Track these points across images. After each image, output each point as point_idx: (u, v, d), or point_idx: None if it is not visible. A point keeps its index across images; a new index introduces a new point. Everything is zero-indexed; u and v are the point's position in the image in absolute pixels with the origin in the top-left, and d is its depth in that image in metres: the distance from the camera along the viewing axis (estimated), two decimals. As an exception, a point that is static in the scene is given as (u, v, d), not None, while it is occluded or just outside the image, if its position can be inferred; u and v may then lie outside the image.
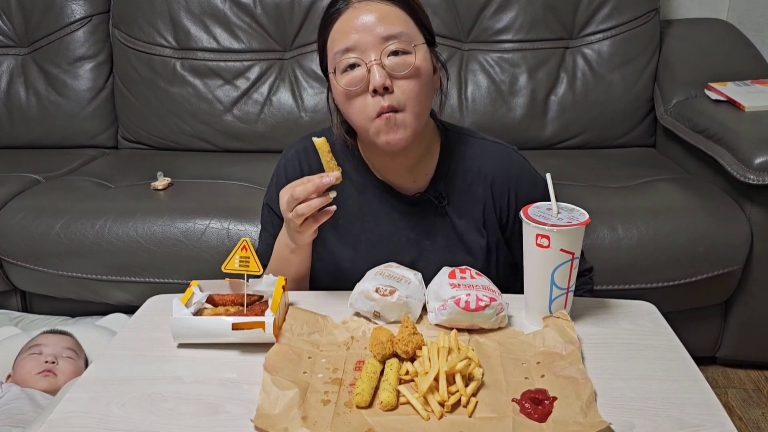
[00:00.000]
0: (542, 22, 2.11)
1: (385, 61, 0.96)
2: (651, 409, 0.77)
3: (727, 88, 1.88)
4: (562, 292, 0.92)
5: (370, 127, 0.99)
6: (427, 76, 1.00)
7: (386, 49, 0.96)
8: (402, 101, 0.97)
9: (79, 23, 2.24)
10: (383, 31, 0.96)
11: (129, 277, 1.71)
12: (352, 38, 0.96)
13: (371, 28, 0.96)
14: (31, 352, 1.50)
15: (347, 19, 0.97)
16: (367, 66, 0.96)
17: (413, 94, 0.97)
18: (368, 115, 0.97)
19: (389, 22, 0.96)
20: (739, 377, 1.80)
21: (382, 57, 0.96)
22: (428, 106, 1.03)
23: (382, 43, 0.96)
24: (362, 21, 0.96)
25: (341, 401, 0.78)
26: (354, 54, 0.96)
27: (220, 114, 2.18)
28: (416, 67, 0.97)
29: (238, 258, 0.92)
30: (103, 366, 0.88)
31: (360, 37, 0.96)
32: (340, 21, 0.98)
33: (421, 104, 0.99)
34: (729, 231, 1.59)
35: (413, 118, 0.98)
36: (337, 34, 0.99)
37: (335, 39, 0.99)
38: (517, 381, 0.81)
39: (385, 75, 0.95)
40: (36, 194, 1.85)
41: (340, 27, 0.98)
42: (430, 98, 1.03)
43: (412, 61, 0.96)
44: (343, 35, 0.97)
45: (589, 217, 0.91)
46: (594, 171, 1.88)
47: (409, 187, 1.11)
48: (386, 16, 0.97)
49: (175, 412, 0.78)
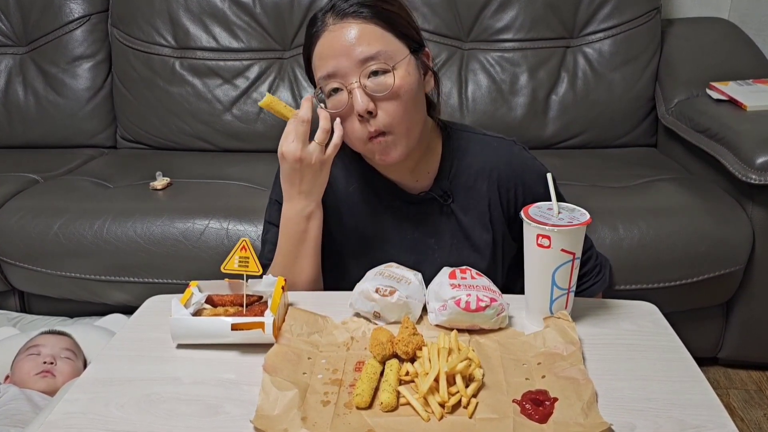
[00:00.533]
0: (543, 21, 2.11)
1: (366, 83, 0.97)
2: (652, 410, 0.77)
3: (728, 88, 1.88)
4: (563, 292, 0.92)
5: (365, 149, 1.02)
6: (411, 92, 0.99)
7: (365, 70, 0.97)
8: (387, 123, 0.98)
9: (78, 22, 2.24)
10: (360, 53, 0.96)
11: (128, 277, 1.71)
12: (331, 64, 0.98)
13: (348, 51, 0.97)
14: (29, 352, 1.50)
15: (325, 44, 0.99)
16: (348, 89, 0.97)
17: (398, 115, 0.98)
18: (360, 137, 1.00)
19: (366, 43, 0.97)
20: (740, 378, 1.80)
21: (361, 79, 0.97)
22: (418, 119, 1.03)
23: (361, 65, 0.96)
24: (339, 44, 0.97)
25: (341, 402, 0.78)
26: (335, 80, 0.98)
27: (219, 113, 2.18)
28: (396, 88, 0.97)
29: (238, 258, 0.92)
30: (101, 366, 0.88)
31: (338, 63, 0.97)
32: (319, 45, 1.00)
33: (408, 121, 1.00)
34: (731, 231, 1.59)
35: (403, 136, 1.00)
36: (317, 59, 1.01)
37: (317, 64, 1.01)
38: (518, 382, 0.81)
39: (368, 99, 0.97)
40: (34, 194, 1.85)
41: (319, 51, 1.00)
42: (418, 110, 1.03)
43: (391, 82, 0.97)
44: (322, 61, 0.99)
45: (590, 217, 0.91)
46: (595, 171, 1.88)
47: (413, 186, 1.11)
48: (362, 37, 0.97)
49: (174, 413, 0.78)
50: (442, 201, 1.11)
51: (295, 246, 1.07)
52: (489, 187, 1.11)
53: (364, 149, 1.03)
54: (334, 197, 1.11)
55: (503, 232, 1.14)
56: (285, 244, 1.08)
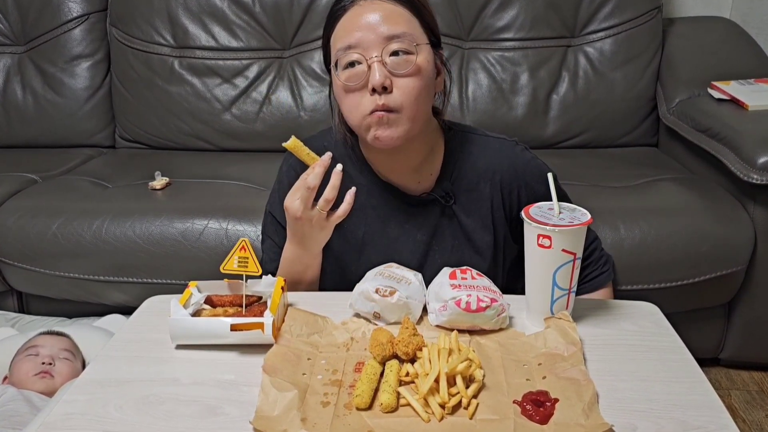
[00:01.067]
0: (544, 20, 2.11)
1: (386, 60, 0.96)
2: (653, 411, 0.77)
3: (730, 87, 1.88)
4: (564, 292, 0.92)
5: (363, 123, 1.00)
6: (428, 77, 1.00)
7: (388, 47, 0.96)
8: (399, 102, 0.97)
9: (76, 21, 2.24)
10: (386, 30, 0.96)
11: (126, 277, 1.71)
12: (355, 36, 0.97)
13: (375, 26, 0.96)
14: (27, 353, 1.50)
15: (352, 17, 0.98)
16: (368, 63, 0.96)
17: (412, 95, 0.98)
18: (362, 111, 0.99)
19: (393, 22, 0.97)
20: (742, 379, 1.80)
21: (384, 55, 0.96)
22: (426, 109, 1.03)
23: (385, 42, 0.96)
24: (366, 19, 0.97)
25: (341, 403, 0.78)
26: (356, 51, 0.97)
27: (218, 113, 2.18)
28: (417, 65, 0.97)
29: (237, 258, 0.92)
30: (100, 367, 0.88)
31: (363, 35, 0.97)
32: (345, 18, 0.99)
33: (418, 106, 0.99)
34: (732, 231, 1.58)
35: (408, 119, 0.99)
36: (340, 31, 0.99)
37: (339, 35, 1.00)
38: (519, 382, 0.81)
39: (385, 74, 0.96)
40: (33, 194, 1.85)
41: (344, 24, 0.99)
42: (428, 101, 1.03)
43: (413, 60, 0.97)
44: (346, 32, 0.98)
45: (591, 217, 0.91)
46: (596, 170, 1.88)
47: (414, 187, 1.11)
48: (390, 16, 0.97)
49: (173, 414, 0.78)
50: (444, 202, 1.11)
51: (293, 276, 1.10)
52: (492, 188, 1.11)
53: (361, 123, 1.00)
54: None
55: (505, 234, 1.14)
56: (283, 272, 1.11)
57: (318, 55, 2.17)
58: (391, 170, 1.10)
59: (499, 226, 1.13)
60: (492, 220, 1.12)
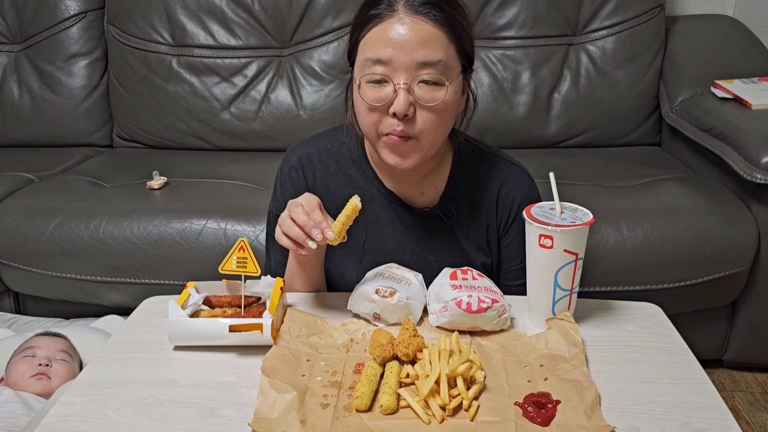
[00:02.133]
0: (545, 18, 2.11)
1: (414, 87, 0.94)
2: (656, 413, 0.77)
3: (733, 86, 1.88)
4: (566, 293, 0.92)
5: (379, 142, 0.99)
6: (453, 110, 0.99)
7: (419, 75, 0.93)
8: (418, 130, 0.96)
9: (74, 19, 2.24)
10: (421, 56, 0.93)
11: (124, 278, 1.71)
12: (388, 52, 0.93)
13: (410, 48, 0.92)
14: (24, 354, 1.50)
15: (388, 28, 0.94)
16: (395, 88, 0.93)
17: (432, 127, 0.96)
18: (380, 130, 0.97)
19: (430, 47, 0.93)
20: (746, 380, 1.80)
21: (413, 83, 0.93)
22: (443, 137, 1.02)
23: (417, 68, 0.93)
24: (403, 37, 0.93)
25: (340, 405, 0.78)
26: (385, 69, 0.94)
27: (217, 112, 2.18)
28: (444, 103, 0.95)
29: (236, 259, 0.92)
30: (97, 369, 0.88)
31: (395, 54, 0.93)
32: (381, 27, 0.94)
33: (437, 135, 0.99)
34: (736, 231, 1.58)
35: (425, 147, 0.98)
36: (373, 39, 0.95)
37: (370, 44, 0.96)
38: (520, 384, 0.81)
39: (410, 102, 0.94)
40: (29, 194, 1.85)
41: (377, 33, 0.95)
42: (448, 128, 1.02)
43: (441, 96, 0.94)
44: (379, 43, 0.94)
45: (593, 217, 0.91)
46: (598, 170, 1.88)
47: (418, 199, 1.11)
48: (429, 39, 0.93)
49: (171, 416, 0.78)
50: (446, 219, 1.10)
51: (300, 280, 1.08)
52: (488, 213, 1.12)
53: (376, 140, 0.99)
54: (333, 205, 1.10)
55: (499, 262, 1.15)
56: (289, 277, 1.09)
57: (317, 53, 2.17)
58: (394, 179, 1.10)
59: (494, 249, 1.14)
60: (487, 244, 1.13)
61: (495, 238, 1.13)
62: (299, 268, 1.05)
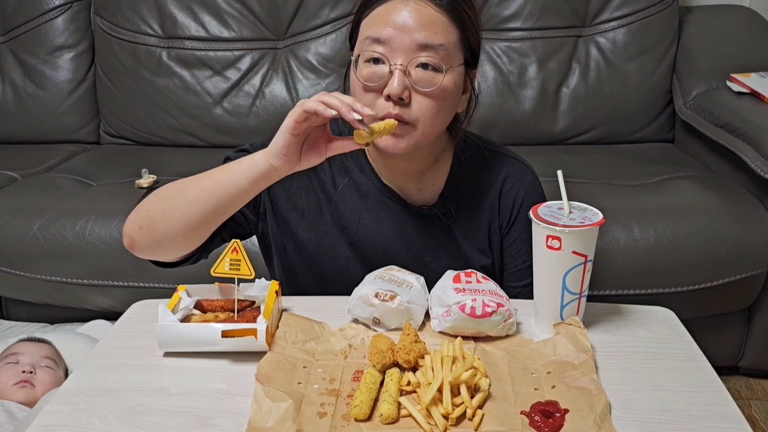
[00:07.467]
0: (553, 8, 2.12)
1: (411, 70, 0.95)
2: (669, 423, 0.77)
3: (750, 80, 1.88)
4: (575, 297, 0.92)
5: None
6: (451, 99, 0.99)
7: (417, 58, 0.95)
8: (414, 117, 0.96)
9: (59, 10, 2.24)
10: (421, 38, 0.94)
11: (111, 281, 1.71)
12: (388, 31, 0.95)
13: (411, 29, 0.94)
14: (7, 361, 1.50)
15: (390, 8, 0.96)
16: (391, 68, 0.95)
17: (429, 114, 0.97)
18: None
19: (432, 30, 0.95)
20: (763, 388, 1.80)
21: (410, 65, 0.95)
22: (441, 128, 1.02)
23: (416, 50, 0.94)
24: (404, 17, 0.94)
25: (338, 414, 0.78)
26: (383, 48, 0.95)
27: (208, 107, 2.18)
28: (442, 88, 0.96)
29: (229, 261, 0.92)
30: (83, 376, 0.88)
31: (395, 34, 0.94)
32: (384, 6, 0.97)
33: (433, 125, 0.99)
34: (752, 232, 1.59)
35: (420, 134, 0.98)
36: (374, 19, 0.97)
37: (371, 22, 0.98)
38: (526, 392, 0.81)
39: (406, 85, 0.95)
40: (12, 193, 1.85)
41: (380, 13, 0.97)
42: (446, 121, 1.02)
43: (439, 80, 0.95)
44: (380, 22, 0.96)
45: (603, 217, 0.91)
46: (608, 168, 1.89)
47: (415, 196, 1.11)
48: (432, 23, 0.95)
49: (161, 426, 0.78)
50: (444, 219, 1.10)
51: (207, 201, 0.97)
52: (491, 213, 1.12)
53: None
54: (326, 196, 1.11)
55: (501, 264, 1.15)
56: (205, 185, 0.97)
57: (314, 45, 2.17)
58: (393, 173, 1.10)
59: (496, 249, 1.14)
60: (489, 244, 1.13)
61: (497, 237, 1.13)
62: (250, 185, 0.94)
